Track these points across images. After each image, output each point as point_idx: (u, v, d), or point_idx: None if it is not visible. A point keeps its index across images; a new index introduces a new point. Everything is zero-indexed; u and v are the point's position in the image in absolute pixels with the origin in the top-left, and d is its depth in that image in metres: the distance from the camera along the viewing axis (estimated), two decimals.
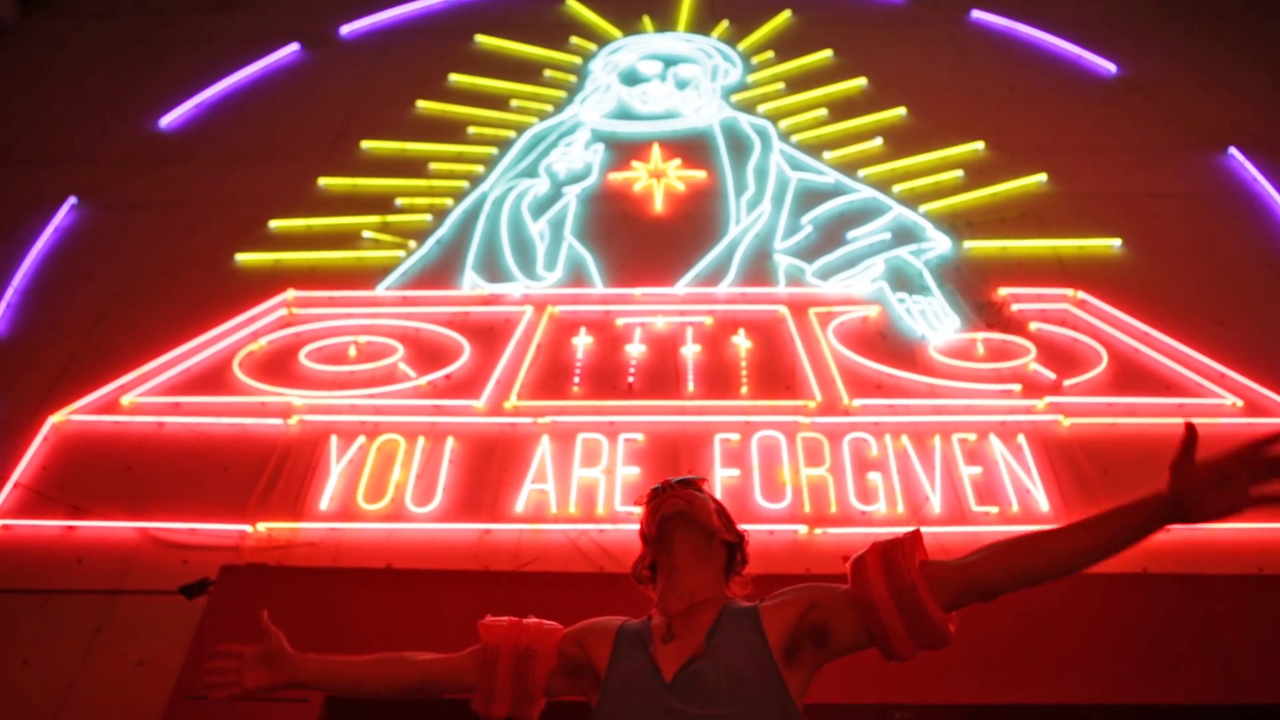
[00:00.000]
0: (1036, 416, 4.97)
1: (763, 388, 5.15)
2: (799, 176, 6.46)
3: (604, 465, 4.78)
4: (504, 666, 1.84)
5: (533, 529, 4.55)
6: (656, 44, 7.64)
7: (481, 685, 1.85)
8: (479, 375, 5.24)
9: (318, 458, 4.83)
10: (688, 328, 5.47)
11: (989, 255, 5.94)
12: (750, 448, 4.84)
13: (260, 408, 5.06)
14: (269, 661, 1.94)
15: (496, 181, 6.49)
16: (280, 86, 7.53)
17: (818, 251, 5.93)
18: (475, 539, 4.53)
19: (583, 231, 6.14)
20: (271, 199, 6.40)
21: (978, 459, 4.80)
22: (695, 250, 5.95)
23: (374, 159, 6.77)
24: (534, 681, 1.86)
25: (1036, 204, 6.26)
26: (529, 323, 5.52)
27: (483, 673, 1.85)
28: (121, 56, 7.85)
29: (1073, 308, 5.55)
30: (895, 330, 5.47)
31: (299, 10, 8.26)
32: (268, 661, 1.94)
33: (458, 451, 4.87)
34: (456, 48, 7.76)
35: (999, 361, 5.25)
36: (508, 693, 1.85)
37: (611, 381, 5.21)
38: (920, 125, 6.88)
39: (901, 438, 4.86)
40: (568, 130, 6.86)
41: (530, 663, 1.85)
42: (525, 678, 1.86)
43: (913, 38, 7.76)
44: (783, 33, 7.87)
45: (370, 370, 5.24)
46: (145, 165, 6.80)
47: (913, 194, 6.35)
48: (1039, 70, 7.44)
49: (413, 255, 6.02)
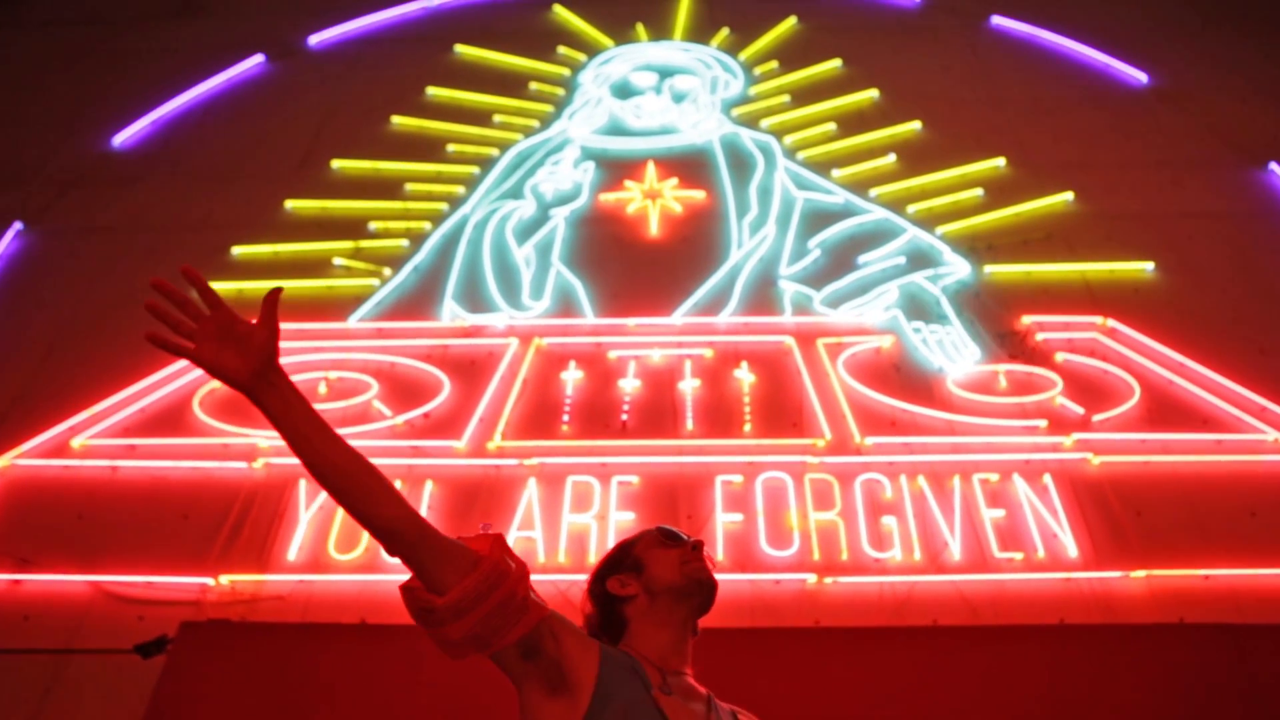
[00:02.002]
0: (1063, 455, 5.15)
1: (767, 425, 5.32)
2: (806, 196, 6.69)
3: (596, 510, 4.94)
4: (497, 597, 1.76)
5: None
6: (651, 54, 7.91)
7: (461, 593, 1.73)
8: (460, 414, 5.40)
9: (285, 504, 4.98)
10: (686, 361, 5.65)
11: (1011, 281, 6.15)
12: (754, 490, 5.00)
13: (223, 450, 5.21)
14: (239, 342, 1.72)
15: (478, 203, 6.71)
16: (243, 101, 7.78)
17: (826, 278, 6.14)
18: None
19: (572, 257, 6.34)
20: (234, 223, 6.62)
21: (1000, 501, 4.96)
22: (694, 277, 6.15)
23: (345, 179, 7.00)
24: (504, 631, 1.78)
25: (1062, 225, 6.49)
26: (514, 356, 5.69)
27: (473, 584, 1.74)
28: (70, 69, 8.09)
29: (1102, 337, 5.74)
30: (910, 362, 5.66)
31: (263, 19, 8.53)
32: (237, 341, 1.72)
33: (437, 496, 5.02)
34: (434, 59, 8.03)
35: (1023, 396, 5.43)
36: (477, 622, 1.76)
37: (604, 420, 5.37)
38: (936, 140, 7.13)
39: (918, 479, 5.02)
40: (555, 147, 7.09)
41: (517, 613, 1.79)
42: (503, 621, 1.78)
43: (928, 46, 8.04)
44: (787, 41, 8.14)
45: (342, 409, 5.40)
46: (97, 187, 7.01)
47: (929, 215, 6.58)
48: (1064, 80, 7.71)
49: (388, 284, 6.22)
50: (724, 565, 4.64)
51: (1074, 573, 4.69)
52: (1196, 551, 4.71)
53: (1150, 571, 4.67)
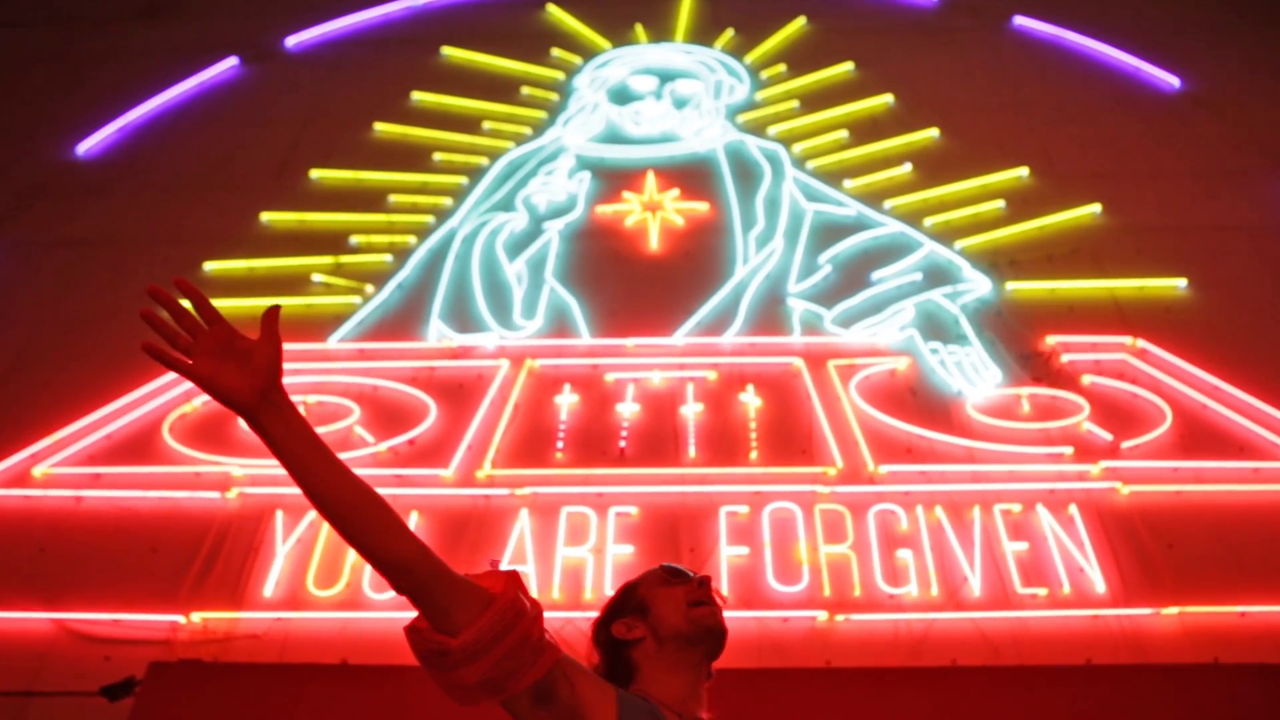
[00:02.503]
0: (1091, 484, 5.24)
1: (775, 453, 5.42)
2: (816, 208, 6.83)
3: (592, 543, 5.02)
4: (513, 637, 1.76)
5: None
6: (651, 57, 8.07)
7: (477, 633, 1.73)
8: (447, 440, 5.50)
9: (261, 537, 5.06)
10: (688, 384, 5.76)
11: (1035, 298, 6.27)
12: (761, 522, 5.08)
13: (194, 479, 5.31)
14: (240, 359, 1.71)
15: (467, 216, 6.84)
16: (216, 107, 7.93)
17: (838, 295, 6.26)
18: None
19: (566, 273, 6.45)
20: (206, 237, 6.74)
21: (1023, 533, 5.04)
22: (696, 294, 6.28)
23: (325, 190, 7.13)
24: (520, 674, 1.78)
25: (1089, 239, 6.62)
26: (505, 379, 5.79)
27: (489, 623, 1.74)
28: (31, 73, 8.25)
29: (1131, 358, 5.85)
30: (927, 385, 5.76)
31: (237, 19, 8.71)
32: (238, 358, 1.71)
33: (423, 528, 5.11)
34: (420, 62, 8.19)
35: (1047, 421, 5.53)
36: (492, 665, 1.75)
37: (600, 446, 5.47)
38: (955, 149, 7.28)
39: (935, 509, 5.11)
40: (549, 156, 7.22)
41: (533, 654, 1.79)
42: (519, 664, 1.77)
43: (946, 48, 8.20)
44: (796, 43, 8.30)
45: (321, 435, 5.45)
46: (60, 198, 7.15)
47: (947, 228, 6.71)
48: (1091, 85, 7.87)
49: (370, 302, 6.34)
50: (729, 602, 4.69)
51: (1102, 610, 4.77)
52: (1232, 587, 4.80)
53: (1183, 608, 4.75)
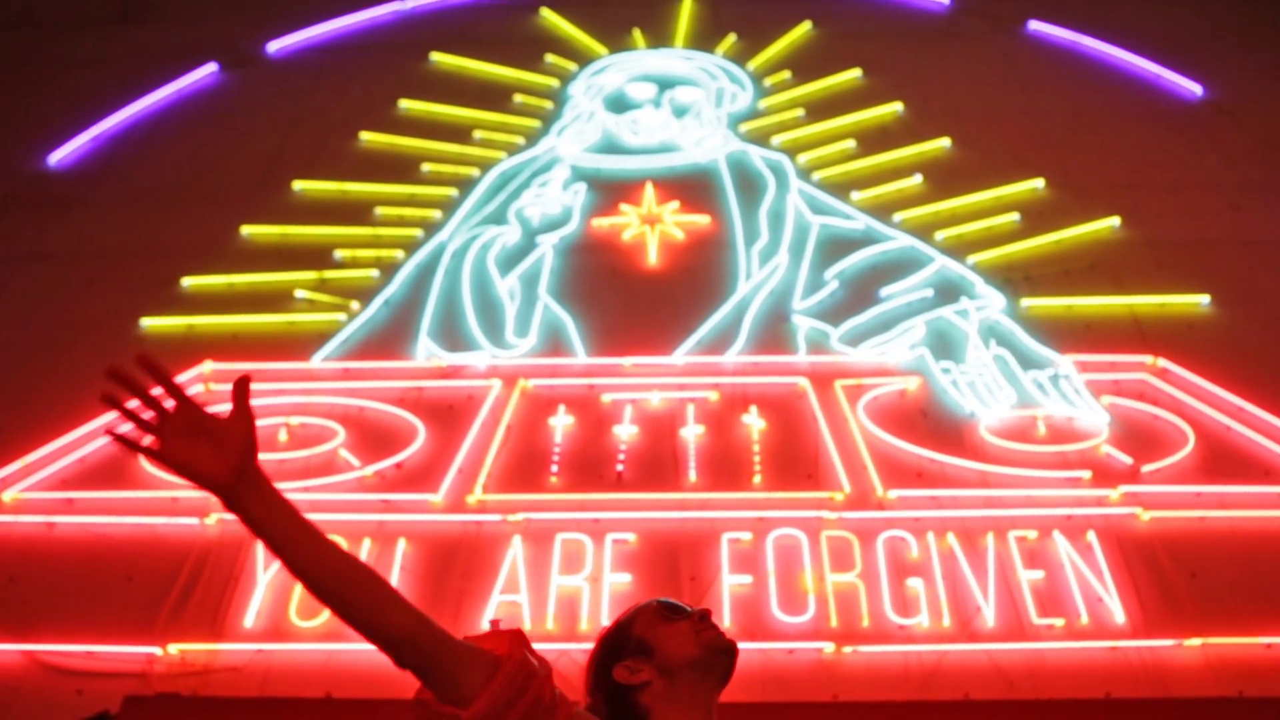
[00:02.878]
0: (1110, 509, 5.31)
1: (779, 477, 5.49)
2: (822, 221, 6.93)
3: (588, 572, 5.08)
4: (526, 700, 1.81)
5: None
6: (649, 63, 8.20)
7: (490, 699, 1.77)
8: (436, 464, 5.56)
9: (241, 565, 5.12)
10: (688, 405, 5.83)
11: (1051, 315, 6.36)
12: (765, 549, 5.15)
13: (171, 505, 5.36)
14: (212, 438, 1.69)
15: (457, 229, 6.93)
16: (194, 115, 8.04)
17: (845, 312, 6.35)
18: None
19: (561, 290, 6.55)
20: (184, 251, 6.83)
21: (1039, 561, 5.10)
22: (697, 311, 6.37)
23: (308, 202, 7.23)
24: None
25: (1108, 253, 6.72)
26: (497, 400, 5.86)
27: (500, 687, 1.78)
28: (1, 80, 8.27)
29: (1152, 378, 5.94)
30: (939, 407, 5.84)
31: (217, 23, 8.83)
32: (209, 436, 1.69)
33: (411, 556, 5.16)
34: (408, 68, 8.31)
35: (1064, 444, 5.59)
36: None
37: (596, 471, 5.54)
38: (967, 159, 7.39)
39: (947, 536, 5.17)
40: (543, 167, 7.33)
41: (546, 715, 1.82)
42: None
43: (958, 54, 8.34)
44: (801, 49, 8.43)
45: (305, 458, 5.55)
46: (30, 211, 7.25)
47: (959, 242, 6.81)
48: (1110, 92, 8.00)
49: (356, 319, 6.42)
50: (731, 633, 4.73)
51: (1121, 641, 4.83)
52: (1258, 617, 4.86)
53: (1206, 640, 4.81)
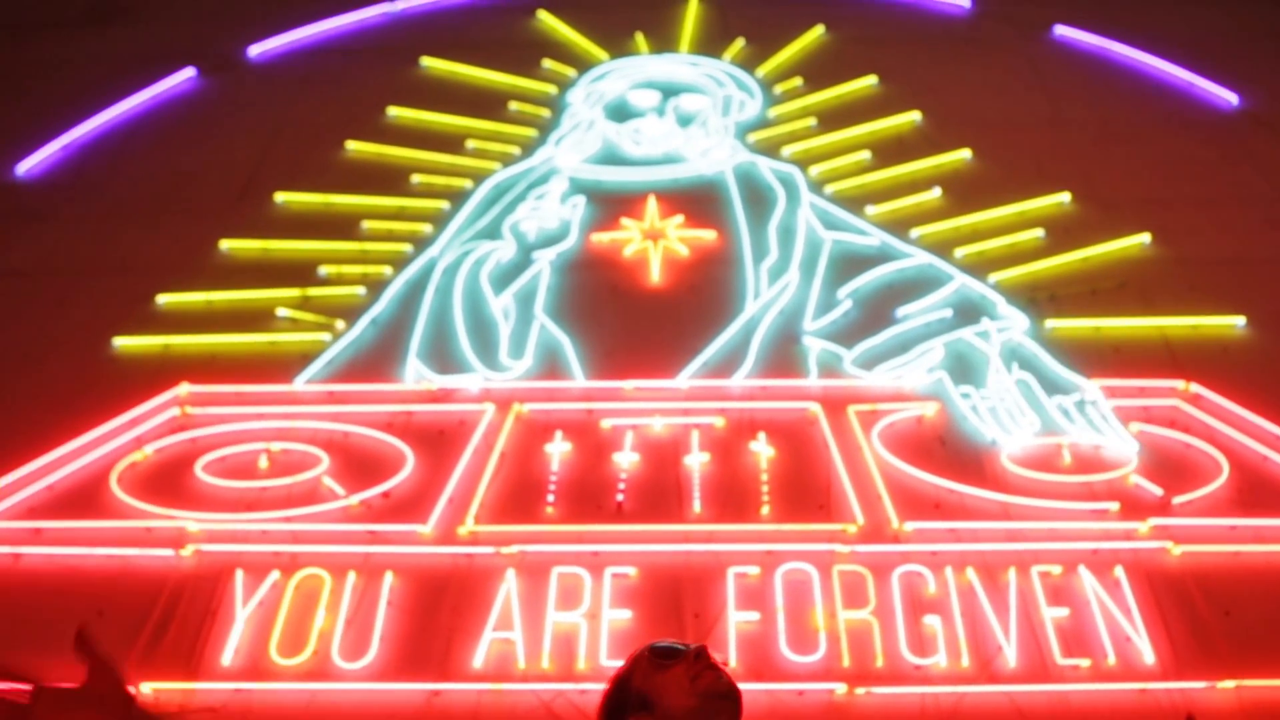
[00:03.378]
0: (1139, 543, 5.38)
1: (789, 508, 5.56)
2: (835, 237, 7.03)
3: (586, 608, 5.14)
4: None
5: (495, 689, 4.91)
6: (653, 69, 8.32)
7: None
8: (426, 493, 5.64)
9: (219, 598, 5.19)
10: (693, 431, 5.91)
11: (1077, 337, 6.45)
12: (773, 585, 5.21)
13: (145, 535, 5.44)
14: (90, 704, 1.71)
15: (448, 244, 7.04)
16: (170, 123, 8.17)
17: (859, 333, 6.45)
18: (421, 702, 4.89)
19: (558, 308, 6.66)
20: (159, 267, 6.94)
21: (1064, 598, 5.17)
22: (702, 332, 6.46)
23: (291, 216, 7.35)
24: None
25: (1137, 272, 6.82)
26: (490, 425, 5.95)
27: None
28: None
29: (1184, 404, 6.02)
30: (958, 434, 5.92)
31: (194, 25, 8.98)
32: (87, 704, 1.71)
33: (399, 590, 5.23)
34: (397, 74, 8.45)
35: (1091, 474, 5.66)
36: None
37: (595, 501, 5.61)
38: (989, 172, 7.51)
39: (966, 571, 5.24)
40: (539, 179, 7.44)
41: None
42: None
43: (979, 61, 8.48)
44: (814, 54, 8.57)
45: (286, 487, 5.64)
46: None
47: (980, 259, 6.92)
48: (1140, 102, 8.14)
49: (341, 339, 6.52)
50: (737, 672, 4.78)
51: (1151, 683, 4.88)
52: None
53: (1241, 681, 4.86)
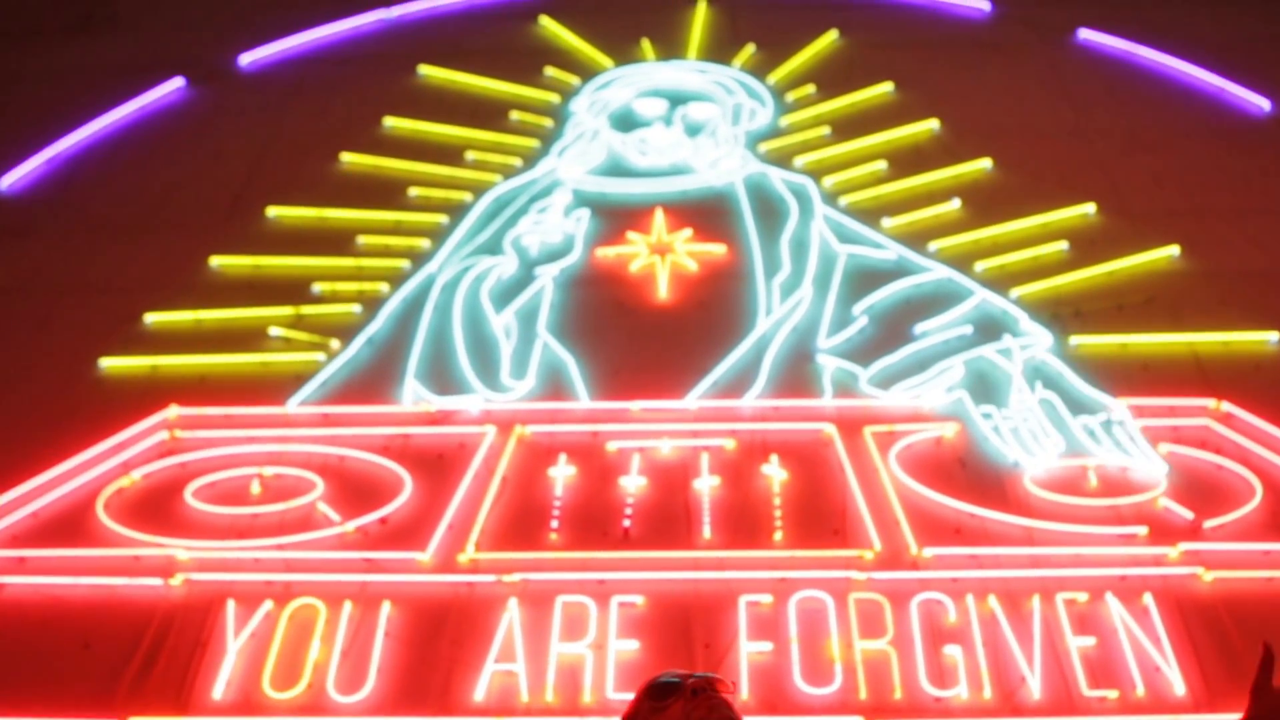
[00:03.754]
0: (1168, 569, 5.41)
1: (803, 534, 5.61)
2: (850, 251, 7.09)
3: (592, 638, 5.18)
4: None
5: None
6: (660, 76, 8.40)
7: None
8: (424, 519, 5.70)
9: (210, 630, 5.24)
10: (702, 454, 5.97)
11: (1104, 355, 6.49)
12: (787, 614, 5.25)
13: (133, 564, 5.50)
14: None
15: (447, 260, 7.12)
16: (159, 135, 8.28)
17: (875, 351, 6.50)
18: None
19: (562, 326, 6.72)
20: (147, 284, 7.03)
21: (1090, 626, 5.20)
22: (712, 351, 6.52)
23: (284, 231, 7.44)
24: None
25: (1166, 286, 6.88)
26: (491, 448, 6.00)
27: None
28: None
29: (1215, 424, 6.06)
30: (979, 456, 5.97)
31: (183, 34, 9.10)
32: None
33: (397, 621, 5.28)
34: (394, 83, 8.55)
35: (1118, 496, 5.69)
36: None
37: (601, 527, 5.66)
38: (1011, 182, 7.58)
39: (988, 599, 5.27)
40: (542, 191, 7.52)
41: None
42: None
43: (1000, 66, 8.56)
44: (827, 60, 8.66)
45: (279, 513, 5.70)
46: None
47: (1001, 273, 6.97)
48: (1168, 108, 8.20)
49: (336, 359, 6.59)
50: (749, 706, 4.86)
51: (1181, 715, 4.90)
52: None
53: None
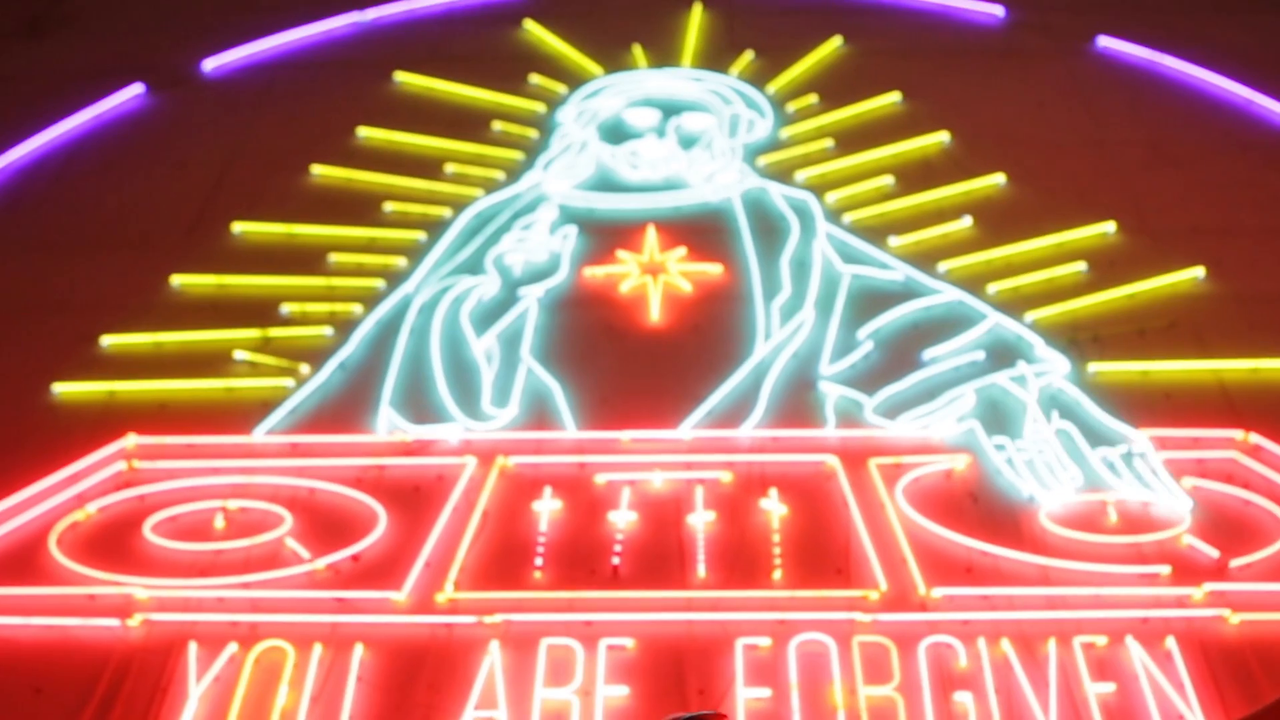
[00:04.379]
0: (1193, 611, 5.48)
1: (804, 572, 5.67)
2: (854, 272, 7.20)
3: (578, 684, 5.23)
4: None
5: None
6: (652, 85, 8.52)
7: None
8: (400, 556, 5.75)
9: (171, 673, 5.28)
10: (697, 487, 6.04)
11: (1124, 383, 6.57)
12: (786, 658, 5.31)
13: (88, 603, 5.54)
14: None
15: (425, 280, 7.20)
16: (117, 145, 8.36)
17: (881, 378, 6.59)
18: None
19: (548, 351, 6.80)
20: (104, 305, 7.08)
21: (1110, 672, 5.27)
22: (707, 377, 6.61)
23: (250, 248, 7.52)
24: None
25: (1191, 310, 6.98)
26: (471, 481, 6.07)
27: None
28: None
29: (1243, 457, 6.14)
30: (992, 490, 6.05)
31: (144, 37, 9.20)
32: None
33: (370, 665, 5.33)
34: (368, 90, 8.66)
35: (1139, 534, 5.77)
36: None
37: (589, 564, 5.73)
38: (1025, 198, 7.70)
39: (1001, 642, 5.34)
40: (526, 207, 7.61)
41: None
42: None
43: (1014, 75, 8.71)
44: (831, 68, 8.81)
45: (245, 549, 5.74)
46: None
47: (1015, 296, 7.07)
48: (1194, 121, 8.34)
49: (305, 385, 6.66)
50: None
51: None
52: None
53: None
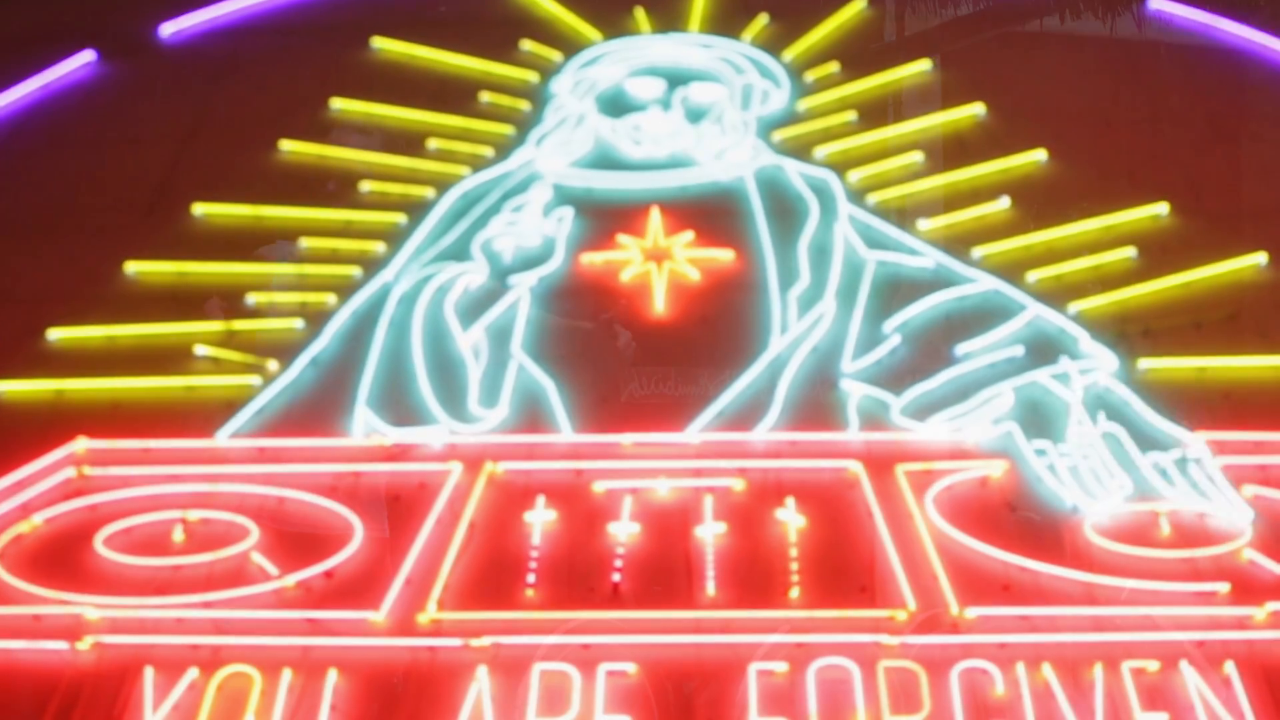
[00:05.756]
0: (1254, 633, 5.45)
1: (824, 590, 5.65)
2: (880, 258, 7.16)
3: (575, 712, 5.20)
4: None
5: None
6: (656, 52, 8.48)
7: None
8: (378, 572, 5.72)
9: (125, 700, 5.25)
10: (706, 496, 6.02)
11: (1177, 380, 6.54)
12: (805, 684, 5.28)
13: (34, 624, 5.51)
14: None
15: (405, 267, 7.17)
16: (65, 118, 8.36)
17: (909, 376, 6.57)
18: None
19: (541, 346, 6.77)
20: (52, 294, 7.09)
21: (1162, 700, 5.23)
22: (717, 374, 6.58)
23: (213, 232, 7.51)
24: None
25: (1252, 300, 6.97)
26: (457, 489, 6.05)
27: None
28: None
29: None
30: (1032, 499, 6.01)
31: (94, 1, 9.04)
32: None
33: (345, 692, 5.30)
34: (343, 57, 8.66)
35: (1195, 548, 5.74)
36: None
37: (586, 581, 5.71)
38: (1068, 177, 7.67)
39: (1042, 667, 5.31)
40: (517, 186, 7.58)
41: None
42: None
43: (1056, 42, 8.68)
44: (854, 33, 8.79)
45: (207, 564, 5.72)
46: None
47: (1058, 285, 7.05)
48: (1254, 92, 8.31)
49: (274, 383, 6.63)
50: None
51: None
52: None
53: None
